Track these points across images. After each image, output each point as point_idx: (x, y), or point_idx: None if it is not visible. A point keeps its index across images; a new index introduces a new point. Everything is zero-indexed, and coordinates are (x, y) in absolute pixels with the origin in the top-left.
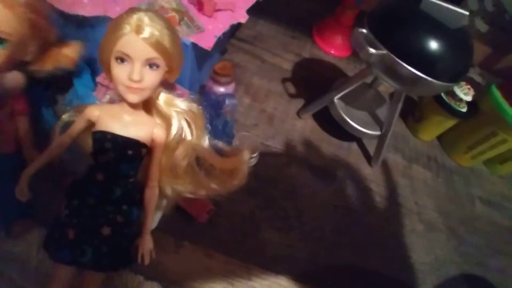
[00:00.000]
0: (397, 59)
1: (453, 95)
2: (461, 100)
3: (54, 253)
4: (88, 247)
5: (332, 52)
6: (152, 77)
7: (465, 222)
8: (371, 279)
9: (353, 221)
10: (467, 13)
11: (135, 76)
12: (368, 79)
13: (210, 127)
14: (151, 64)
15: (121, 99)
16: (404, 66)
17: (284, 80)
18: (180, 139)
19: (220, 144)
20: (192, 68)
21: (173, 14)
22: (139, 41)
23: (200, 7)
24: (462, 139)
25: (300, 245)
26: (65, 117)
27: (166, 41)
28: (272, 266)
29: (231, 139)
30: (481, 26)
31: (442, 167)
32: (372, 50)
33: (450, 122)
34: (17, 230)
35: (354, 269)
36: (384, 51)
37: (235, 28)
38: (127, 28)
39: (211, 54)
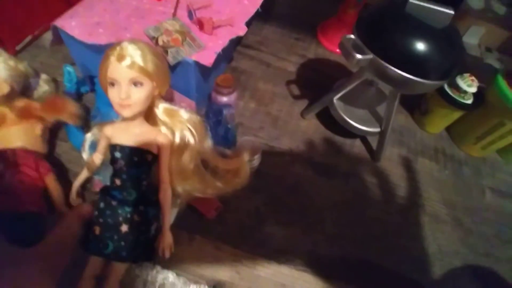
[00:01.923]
0: (384, 63)
1: (456, 87)
2: (465, 92)
3: (85, 246)
4: (110, 242)
5: (337, 50)
6: (138, 93)
7: (473, 213)
8: (370, 270)
9: (354, 215)
10: (452, 12)
11: (122, 95)
12: (369, 77)
13: (212, 134)
14: (135, 83)
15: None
16: (392, 69)
17: (288, 83)
18: (185, 145)
19: (222, 149)
20: (197, 82)
21: (177, 36)
22: (121, 66)
23: (200, 26)
24: (470, 130)
25: (302, 237)
26: (89, 136)
27: (144, 63)
28: (275, 257)
29: (233, 144)
30: (499, 8)
31: (450, 159)
32: (358, 56)
33: (456, 114)
34: None
35: (353, 260)
36: (371, 56)
37: (241, 36)
38: (111, 59)
39: (216, 65)
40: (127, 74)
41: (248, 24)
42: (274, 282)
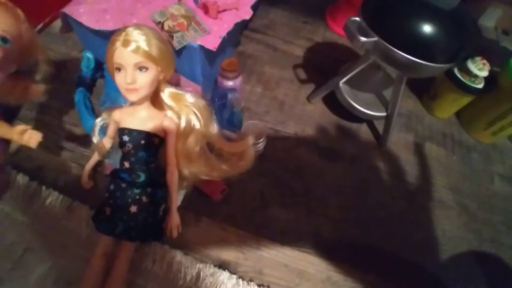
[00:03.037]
0: (389, 46)
1: (467, 71)
2: (476, 76)
3: (97, 225)
4: (120, 222)
5: None
6: (143, 78)
7: (480, 199)
8: (373, 253)
9: (359, 199)
10: None
11: (128, 79)
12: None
13: (218, 118)
14: (141, 67)
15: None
16: (397, 52)
17: (295, 67)
18: (190, 129)
19: (227, 132)
20: (203, 67)
21: (182, 20)
22: (126, 52)
23: (206, 10)
24: (480, 115)
25: (305, 220)
26: (98, 121)
27: (149, 48)
28: (278, 238)
29: (239, 128)
30: None
31: (458, 145)
32: (363, 39)
33: (466, 99)
34: None
35: (356, 243)
36: (375, 38)
37: (248, 20)
38: (117, 44)
39: (223, 50)
40: (133, 59)
41: (255, 7)
42: (278, 262)
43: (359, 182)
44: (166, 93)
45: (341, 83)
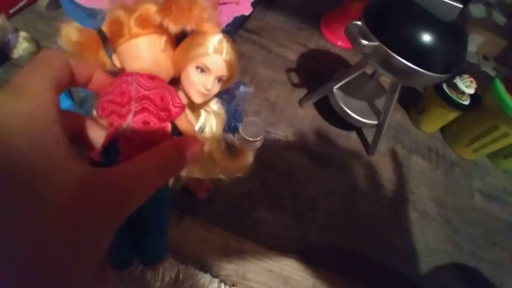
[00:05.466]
0: (389, 51)
1: (455, 87)
2: (463, 92)
3: None
4: None
5: (339, 43)
6: (217, 88)
7: (462, 213)
8: (359, 261)
9: (346, 205)
10: (460, 6)
11: (209, 86)
12: (369, 70)
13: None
14: (220, 78)
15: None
16: (396, 58)
17: (288, 70)
18: (201, 134)
19: (230, 137)
20: None
21: None
22: (220, 60)
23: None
24: (464, 132)
25: (292, 224)
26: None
27: (234, 61)
28: (264, 241)
29: (238, 124)
30: (499, 19)
31: (442, 159)
32: (364, 42)
33: (452, 115)
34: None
35: (343, 250)
36: (376, 43)
37: (244, 20)
38: (211, 48)
39: None
40: (221, 70)
41: (254, 5)
42: (262, 267)
43: (347, 189)
44: None
45: (334, 88)
